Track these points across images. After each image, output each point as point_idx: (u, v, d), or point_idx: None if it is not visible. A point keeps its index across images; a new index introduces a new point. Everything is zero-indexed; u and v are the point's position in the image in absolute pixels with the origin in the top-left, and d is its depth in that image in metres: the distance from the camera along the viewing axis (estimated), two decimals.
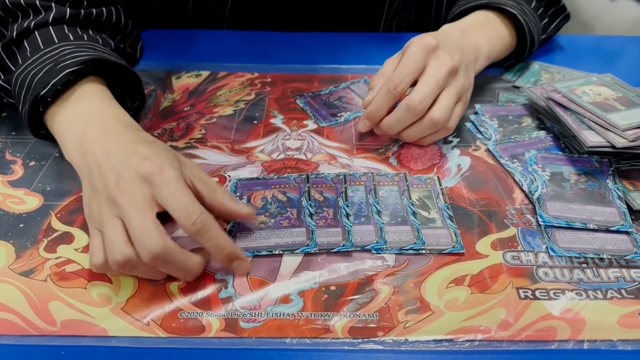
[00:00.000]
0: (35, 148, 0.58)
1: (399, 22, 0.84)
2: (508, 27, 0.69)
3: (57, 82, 0.50)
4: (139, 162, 0.43)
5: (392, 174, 0.54)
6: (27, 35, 0.57)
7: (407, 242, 0.47)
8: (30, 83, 0.51)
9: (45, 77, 0.51)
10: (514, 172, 0.54)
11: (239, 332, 0.40)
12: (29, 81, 0.52)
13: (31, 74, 0.52)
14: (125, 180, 0.42)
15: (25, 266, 0.45)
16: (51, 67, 0.51)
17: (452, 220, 0.49)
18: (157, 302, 0.42)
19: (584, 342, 0.40)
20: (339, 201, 0.50)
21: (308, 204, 0.50)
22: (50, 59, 0.52)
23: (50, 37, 0.56)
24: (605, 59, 0.78)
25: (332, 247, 0.46)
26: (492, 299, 0.42)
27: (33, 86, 0.51)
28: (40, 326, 0.40)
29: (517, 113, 0.63)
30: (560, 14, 0.76)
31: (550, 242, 0.47)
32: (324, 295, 0.43)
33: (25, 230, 0.48)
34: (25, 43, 0.56)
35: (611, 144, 0.52)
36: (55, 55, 0.53)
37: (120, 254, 0.40)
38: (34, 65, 0.53)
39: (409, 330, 0.40)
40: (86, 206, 0.45)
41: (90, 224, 0.44)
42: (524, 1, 0.71)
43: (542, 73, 0.71)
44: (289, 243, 0.46)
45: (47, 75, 0.51)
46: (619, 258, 0.45)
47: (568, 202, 0.50)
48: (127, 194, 0.41)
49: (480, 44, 0.64)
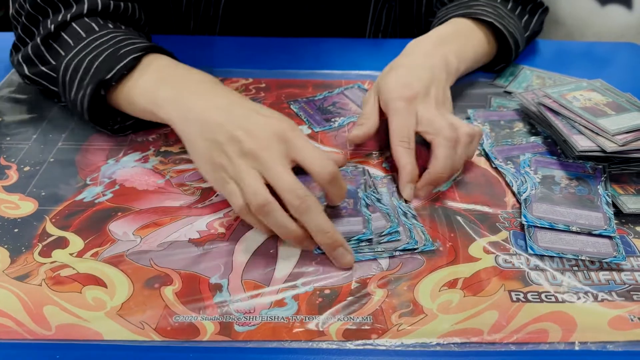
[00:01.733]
0: (30, 153, 0.58)
1: (388, 11, 0.84)
2: (485, 33, 0.69)
3: (122, 67, 0.53)
4: (266, 120, 0.47)
5: (382, 176, 0.54)
6: (65, 27, 0.59)
7: (401, 242, 0.47)
8: (88, 68, 0.54)
9: (107, 63, 0.54)
10: (505, 173, 0.55)
11: (233, 335, 0.40)
12: (85, 67, 0.54)
13: (87, 60, 0.55)
14: (260, 138, 0.46)
15: (20, 271, 0.45)
16: (111, 52, 0.55)
17: (417, 219, 0.50)
18: (151, 306, 0.42)
19: (575, 344, 0.40)
20: (359, 192, 0.51)
21: (365, 195, 0.51)
22: (106, 45, 0.55)
23: (90, 27, 0.59)
24: (595, 64, 0.79)
25: (353, 235, 0.47)
26: (484, 301, 0.43)
27: (93, 71, 0.54)
28: (35, 330, 0.40)
29: (509, 118, 0.64)
30: (538, 9, 0.77)
31: (530, 241, 0.47)
32: (318, 299, 0.43)
33: (20, 235, 0.48)
34: (64, 35, 0.59)
35: (601, 148, 0.52)
36: (109, 42, 0.56)
37: (262, 197, 0.44)
38: (86, 52, 0.55)
39: (402, 333, 0.41)
40: (206, 160, 0.48)
41: (219, 175, 0.47)
42: (500, 4, 0.72)
43: (533, 78, 0.72)
44: (346, 231, 0.47)
45: (108, 60, 0.54)
46: (597, 261, 0.46)
47: (555, 204, 0.51)
48: (267, 150, 0.45)
49: (449, 58, 0.63)
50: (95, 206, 0.51)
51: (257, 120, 0.47)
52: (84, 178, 0.55)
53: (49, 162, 0.57)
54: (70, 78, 0.55)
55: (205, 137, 0.48)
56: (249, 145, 0.46)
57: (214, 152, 0.47)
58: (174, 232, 0.48)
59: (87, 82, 0.54)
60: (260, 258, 0.46)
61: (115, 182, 0.54)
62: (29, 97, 0.67)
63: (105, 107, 0.58)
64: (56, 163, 0.56)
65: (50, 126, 0.62)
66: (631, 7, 0.95)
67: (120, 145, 0.59)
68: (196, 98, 0.50)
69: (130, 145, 0.59)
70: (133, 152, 0.58)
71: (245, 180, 0.45)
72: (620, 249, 0.47)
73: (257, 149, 0.45)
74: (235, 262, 0.46)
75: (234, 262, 0.46)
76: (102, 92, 0.55)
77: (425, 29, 0.71)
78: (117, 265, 0.45)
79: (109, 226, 0.49)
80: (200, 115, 0.49)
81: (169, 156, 0.58)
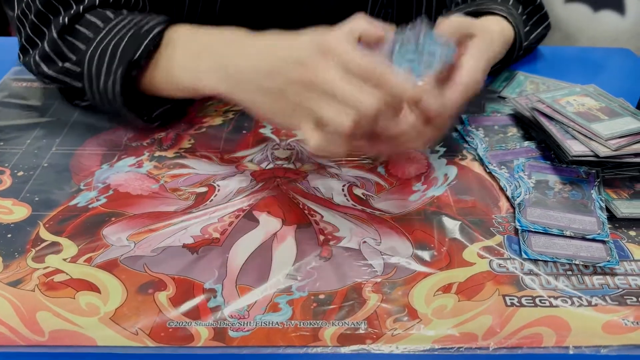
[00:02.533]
0: (24, 158, 0.57)
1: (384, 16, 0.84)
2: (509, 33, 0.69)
3: (149, 43, 0.53)
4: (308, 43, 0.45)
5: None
6: (79, 19, 0.58)
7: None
8: (114, 54, 0.53)
9: (133, 43, 0.53)
10: (499, 178, 0.55)
11: (227, 341, 0.40)
12: (110, 53, 0.54)
13: (111, 46, 0.54)
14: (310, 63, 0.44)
15: (13, 276, 0.44)
16: (133, 33, 0.54)
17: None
18: (145, 311, 0.42)
19: (569, 348, 0.40)
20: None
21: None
22: (126, 28, 0.55)
23: (105, 16, 0.58)
24: (589, 70, 0.79)
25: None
26: (479, 306, 0.43)
27: (119, 55, 0.53)
28: (28, 336, 0.40)
29: (503, 123, 0.64)
30: (542, 22, 0.77)
31: (524, 245, 0.48)
32: (313, 304, 0.43)
33: (13, 240, 0.48)
34: (79, 28, 0.58)
35: (595, 153, 0.53)
36: (128, 24, 0.55)
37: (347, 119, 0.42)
38: (108, 39, 0.54)
39: (397, 338, 0.41)
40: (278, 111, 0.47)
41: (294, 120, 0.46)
42: (511, 5, 0.72)
43: (527, 84, 0.73)
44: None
45: (133, 40, 0.53)
46: (591, 265, 0.46)
47: (549, 209, 0.51)
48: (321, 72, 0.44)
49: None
50: (89, 211, 0.51)
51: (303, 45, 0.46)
52: (78, 183, 0.54)
53: (42, 167, 0.56)
54: (97, 68, 0.55)
55: (265, 92, 0.47)
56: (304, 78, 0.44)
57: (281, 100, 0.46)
58: (168, 237, 0.48)
59: (116, 67, 0.54)
60: (254, 263, 0.46)
61: (109, 187, 0.54)
62: (23, 102, 0.67)
63: (136, 95, 0.57)
64: (50, 168, 0.56)
65: (44, 131, 0.62)
66: (624, 13, 0.96)
67: (115, 150, 0.59)
68: (238, 59, 0.50)
69: (124, 150, 0.59)
70: (127, 156, 0.58)
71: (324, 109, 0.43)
72: (614, 254, 0.47)
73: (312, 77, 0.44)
74: (230, 267, 0.46)
75: (229, 267, 0.46)
76: (134, 74, 0.54)
77: None
78: (111, 270, 0.45)
79: (102, 231, 0.49)
80: (250, 75, 0.48)
81: (163, 161, 0.58)
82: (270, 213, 0.51)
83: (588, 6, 0.96)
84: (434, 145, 0.59)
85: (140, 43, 0.53)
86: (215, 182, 0.55)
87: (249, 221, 0.50)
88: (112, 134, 0.62)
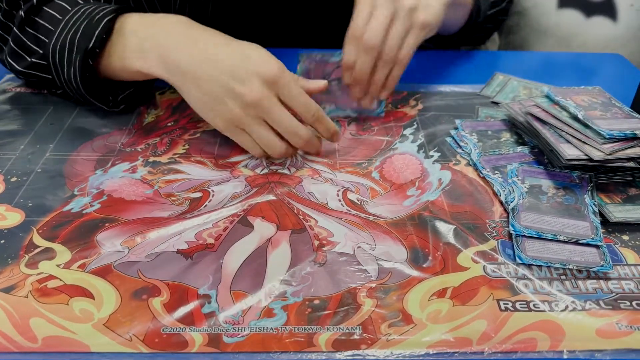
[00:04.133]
0: (17, 163, 0.57)
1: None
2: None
3: (100, 32, 0.56)
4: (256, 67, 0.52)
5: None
6: (37, 12, 0.61)
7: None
8: (72, 45, 0.57)
9: (85, 33, 0.57)
10: (493, 183, 0.55)
11: (222, 347, 0.40)
12: (69, 45, 0.57)
13: (68, 38, 0.57)
14: (255, 88, 0.52)
15: (6, 282, 0.44)
16: (86, 23, 0.57)
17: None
18: (139, 317, 0.42)
19: (563, 352, 0.40)
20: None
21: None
22: (80, 19, 0.58)
23: (62, 7, 0.61)
24: (582, 75, 0.80)
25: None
26: (473, 311, 0.43)
27: (76, 45, 0.57)
28: (21, 343, 0.40)
29: (496, 128, 0.65)
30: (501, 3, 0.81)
31: (518, 250, 0.48)
32: (308, 309, 0.43)
33: (6, 246, 0.48)
34: (39, 20, 0.61)
35: (589, 156, 0.53)
36: (82, 15, 0.58)
37: (280, 147, 0.55)
38: (65, 31, 0.58)
39: (392, 343, 0.41)
40: (208, 110, 0.55)
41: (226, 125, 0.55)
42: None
43: (520, 89, 0.73)
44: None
45: (86, 31, 0.57)
46: (585, 269, 0.46)
47: (542, 214, 0.51)
48: (265, 99, 0.52)
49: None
50: (82, 217, 0.51)
51: (247, 67, 0.52)
52: (72, 189, 0.54)
53: (36, 172, 0.56)
54: (60, 59, 0.58)
55: (203, 92, 0.53)
56: (248, 98, 0.52)
57: (216, 105, 0.52)
58: (162, 242, 0.48)
59: (74, 56, 0.57)
60: (249, 268, 0.46)
61: (103, 192, 0.54)
62: (17, 107, 0.66)
63: (99, 82, 0.60)
64: (44, 173, 0.56)
65: (38, 136, 0.62)
66: (616, 19, 0.96)
67: (109, 156, 0.59)
68: (180, 49, 0.54)
69: (118, 155, 0.59)
70: (121, 162, 0.58)
71: (256, 132, 0.54)
72: (607, 258, 0.47)
73: (256, 100, 0.52)
74: (224, 272, 0.46)
75: (223, 272, 0.46)
76: (90, 62, 0.57)
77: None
78: (105, 276, 0.45)
79: (96, 237, 0.49)
80: (191, 68, 0.53)
81: (157, 166, 0.58)
82: (265, 218, 0.51)
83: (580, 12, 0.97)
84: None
85: (93, 32, 0.56)
86: (209, 188, 0.55)
87: (243, 226, 0.50)
88: (106, 139, 0.62)
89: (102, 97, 0.61)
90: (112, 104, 0.62)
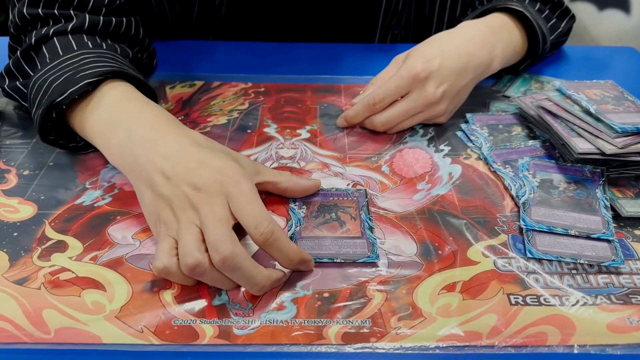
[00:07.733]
0: (29, 157, 0.58)
1: (392, 38, 0.85)
2: (519, 28, 0.70)
3: (75, 91, 0.51)
4: (212, 174, 0.45)
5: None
6: (46, 41, 0.58)
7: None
8: (48, 89, 0.53)
9: (63, 85, 0.52)
10: (504, 177, 0.55)
11: (232, 339, 0.40)
12: (46, 87, 0.53)
13: (49, 80, 0.53)
14: (203, 192, 0.44)
15: (19, 274, 0.45)
16: (70, 75, 0.53)
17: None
18: (150, 309, 0.42)
19: (573, 347, 0.40)
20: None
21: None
22: (70, 67, 0.54)
23: (69, 44, 0.58)
24: (594, 69, 0.79)
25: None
26: (483, 305, 0.43)
27: (50, 92, 0.52)
28: (34, 334, 0.40)
29: (507, 122, 0.64)
30: (566, 15, 0.77)
31: (529, 244, 0.47)
32: (317, 302, 0.43)
33: (19, 238, 0.48)
34: (44, 49, 0.58)
35: (601, 150, 0.52)
36: (75, 64, 0.54)
37: (192, 258, 0.41)
38: (53, 72, 0.54)
39: (401, 337, 0.41)
40: (151, 213, 0.46)
41: (159, 230, 0.45)
42: (528, 4, 0.72)
43: (532, 83, 0.72)
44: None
45: (65, 83, 0.52)
46: (596, 264, 0.46)
47: (553, 208, 0.51)
48: (207, 204, 0.43)
49: (496, 51, 0.66)
50: (94, 210, 0.51)
51: (202, 174, 0.45)
52: (83, 182, 0.55)
53: (48, 166, 0.57)
54: (34, 96, 0.54)
55: (154, 191, 0.45)
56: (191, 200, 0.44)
57: (162, 207, 0.45)
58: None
59: (43, 103, 0.52)
60: (259, 261, 0.46)
61: (114, 185, 0.54)
62: None
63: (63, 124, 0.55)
64: (55, 167, 0.57)
65: None
66: (629, 12, 0.96)
67: None
68: (143, 144, 0.48)
69: None
70: None
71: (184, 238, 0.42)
72: (619, 253, 0.47)
73: (197, 203, 0.43)
74: None
75: None
76: (54, 115, 0.53)
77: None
78: (116, 268, 0.45)
79: (108, 230, 0.49)
80: (146, 165, 0.46)
81: None
82: (275, 212, 0.51)
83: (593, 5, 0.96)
84: None
85: (67, 88, 0.51)
86: None
87: None
88: None
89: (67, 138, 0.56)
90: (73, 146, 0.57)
